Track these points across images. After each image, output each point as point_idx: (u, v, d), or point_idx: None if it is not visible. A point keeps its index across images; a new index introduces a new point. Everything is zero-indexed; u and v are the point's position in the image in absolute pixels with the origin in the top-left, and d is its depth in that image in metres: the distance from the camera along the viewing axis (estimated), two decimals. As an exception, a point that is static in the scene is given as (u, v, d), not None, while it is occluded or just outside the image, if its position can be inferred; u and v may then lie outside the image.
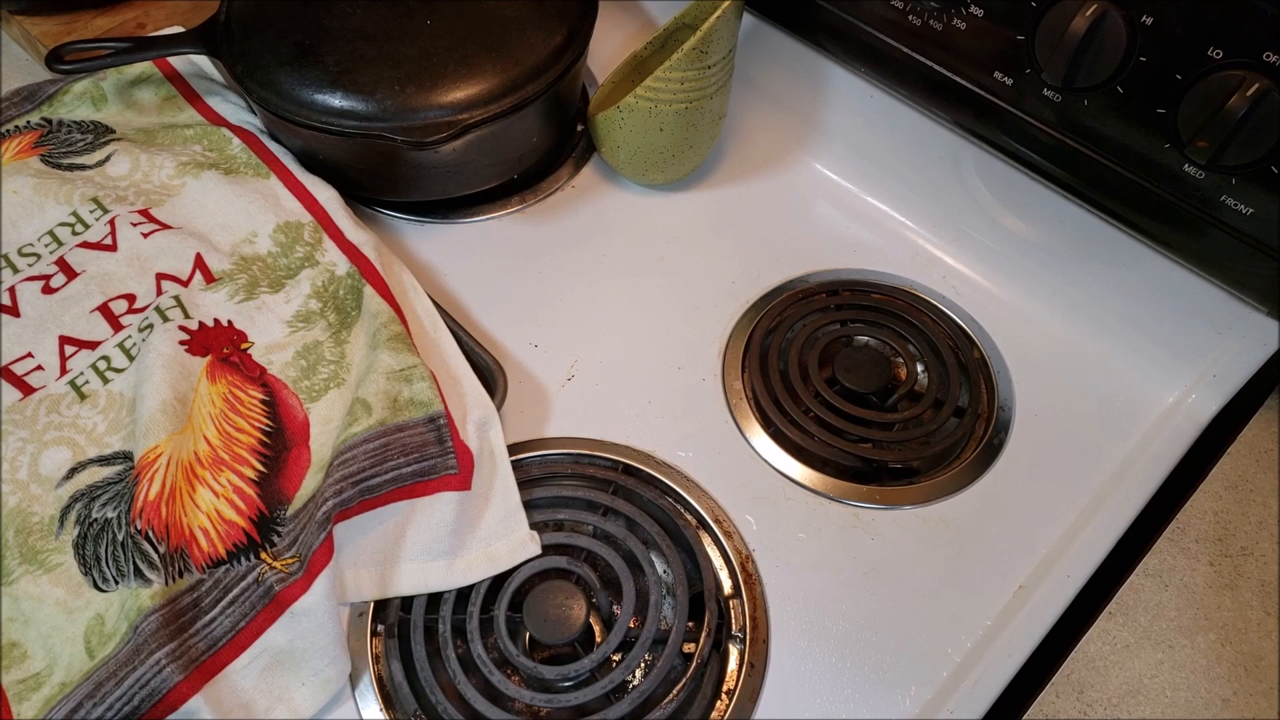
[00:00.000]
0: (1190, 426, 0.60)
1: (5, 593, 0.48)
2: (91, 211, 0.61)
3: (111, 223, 0.60)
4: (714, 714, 0.49)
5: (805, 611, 0.53)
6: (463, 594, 0.52)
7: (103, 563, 0.49)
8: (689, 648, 0.50)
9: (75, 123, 0.66)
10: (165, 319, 0.56)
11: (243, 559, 0.48)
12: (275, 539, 0.50)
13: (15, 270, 0.59)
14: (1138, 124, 0.53)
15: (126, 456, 0.52)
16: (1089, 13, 0.50)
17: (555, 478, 0.57)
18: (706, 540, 0.55)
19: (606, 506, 0.55)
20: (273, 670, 0.47)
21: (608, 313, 0.65)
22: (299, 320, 0.59)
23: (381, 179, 0.66)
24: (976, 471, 0.58)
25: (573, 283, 0.67)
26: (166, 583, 0.47)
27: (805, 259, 0.69)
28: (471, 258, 0.67)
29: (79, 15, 0.74)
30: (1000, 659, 0.51)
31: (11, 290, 0.58)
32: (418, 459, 0.51)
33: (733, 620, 0.52)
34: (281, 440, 0.54)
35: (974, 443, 0.60)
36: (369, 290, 0.59)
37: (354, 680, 0.49)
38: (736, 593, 0.53)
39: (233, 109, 0.69)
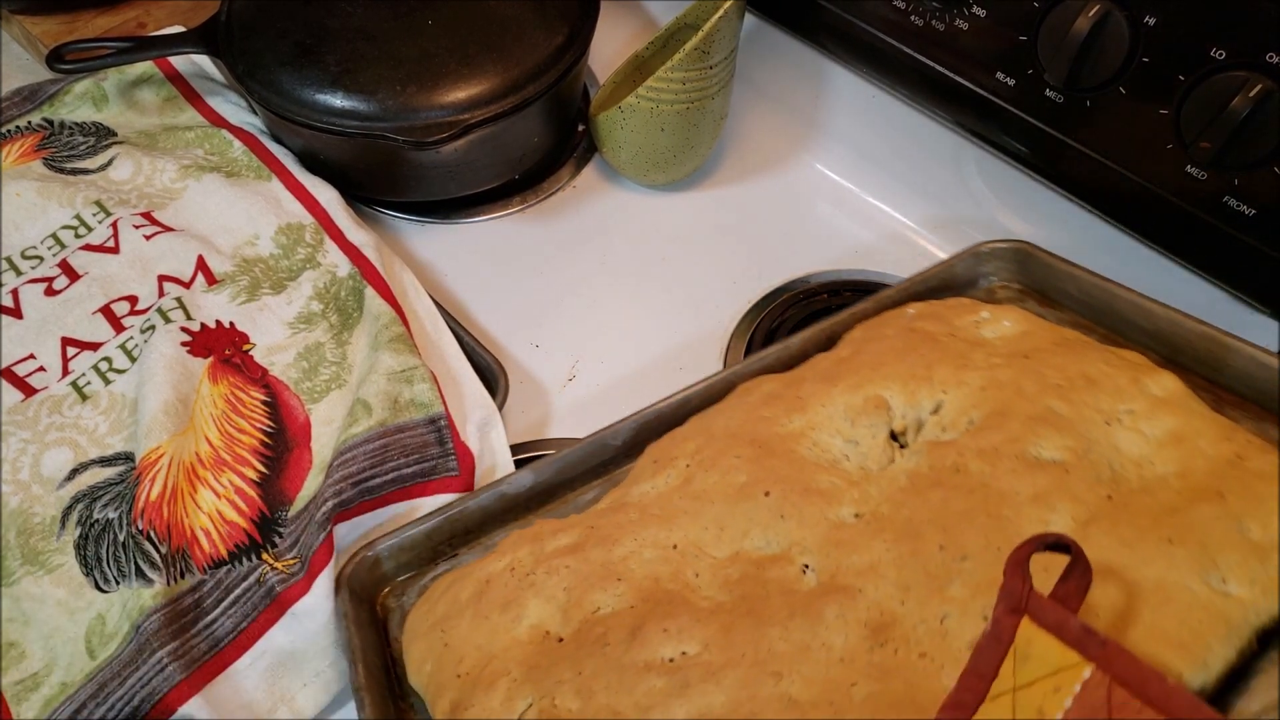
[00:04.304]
0: (1192, 427, 0.60)
1: (6, 593, 0.48)
2: (94, 214, 0.61)
3: (114, 225, 0.60)
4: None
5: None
6: (464, 595, 0.52)
7: (104, 563, 0.49)
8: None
9: (77, 124, 0.67)
10: (167, 320, 0.56)
11: (244, 559, 0.48)
12: (276, 540, 0.50)
13: (18, 272, 0.59)
14: (1140, 125, 0.53)
15: (128, 457, 0.52)
16: (1091, 13, 0.50)
17: (556, 478, 0.57)
18: (707, 541, 0.54)
19: (608, 507, 0.55)
20: (275, 671, 0.47)
21: (609, 313, 0.65)
22: (300, 322, 0.59)
23: (382, 179, 0.66)
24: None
25: (574, 283, 0.67)
26: (168, 583, 0.47)
27: (807, 259, 0.69)
28: (473, 258, 0.67)
29: (80, 15, 0.74)
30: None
31: (14, 292, 0.58)
32: (418, 460, 0.51)
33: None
34: (283, 441, 0.54)
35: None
36: (370, 291, 0.59)
37: (355, 681, 0.49)
38: (737, 594, 0.53)
39: (233, 109, 0.69)
